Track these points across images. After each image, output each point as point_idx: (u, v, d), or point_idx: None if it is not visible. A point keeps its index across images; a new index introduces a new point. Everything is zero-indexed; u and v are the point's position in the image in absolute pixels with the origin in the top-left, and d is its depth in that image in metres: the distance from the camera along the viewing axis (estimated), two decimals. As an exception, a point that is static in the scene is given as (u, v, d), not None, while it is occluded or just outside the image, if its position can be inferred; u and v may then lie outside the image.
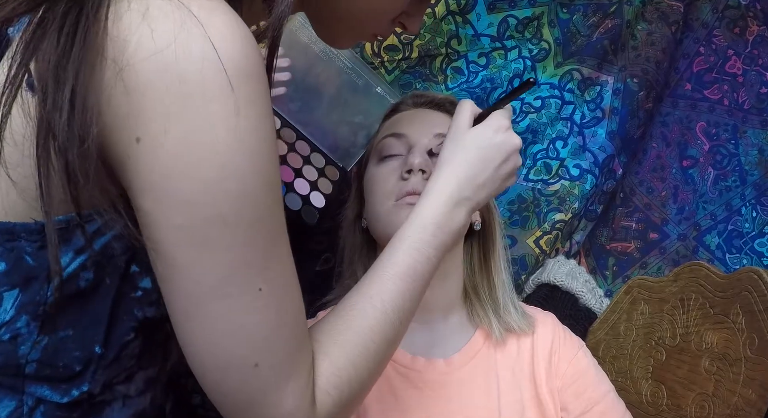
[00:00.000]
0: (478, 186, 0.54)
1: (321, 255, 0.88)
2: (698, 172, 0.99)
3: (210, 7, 0.35)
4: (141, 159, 0.35)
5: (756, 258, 0.96)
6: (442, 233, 0.51)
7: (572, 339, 0.72)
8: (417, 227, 0.50)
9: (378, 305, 0.45)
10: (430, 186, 0.53)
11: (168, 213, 0.35)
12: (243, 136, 0.35)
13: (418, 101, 0.77)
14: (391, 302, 0.46)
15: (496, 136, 0.55)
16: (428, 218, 0.51)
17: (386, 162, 0.70)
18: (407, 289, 0.47)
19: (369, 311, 0.45)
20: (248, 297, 0.37)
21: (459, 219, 0.52)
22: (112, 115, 0.35)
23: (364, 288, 0.47)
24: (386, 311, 0.46)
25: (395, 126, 0.73)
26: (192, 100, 0.34)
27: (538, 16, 0.94)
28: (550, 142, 0.96)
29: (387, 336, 0.45)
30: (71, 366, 0.40)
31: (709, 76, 1.00)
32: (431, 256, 0.50)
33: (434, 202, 0.52)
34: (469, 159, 0.54)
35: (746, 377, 0.65)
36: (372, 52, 0.88)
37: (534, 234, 0.92)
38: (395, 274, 0.47)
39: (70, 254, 0.38)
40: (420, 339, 0.68)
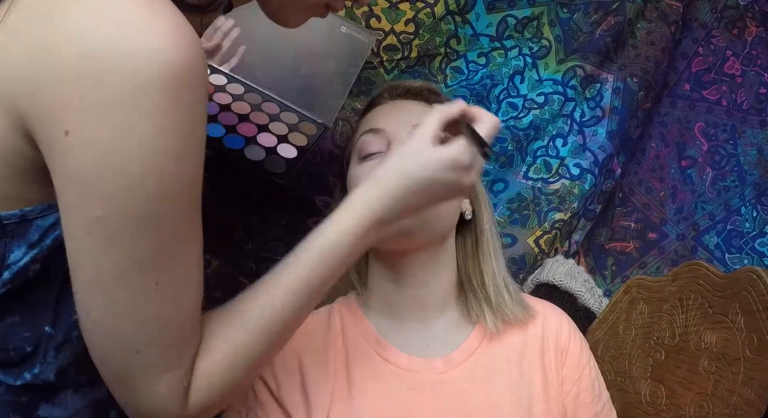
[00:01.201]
0: (406, 212, 0.51)
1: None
2: (696, 173, 0.99)
3: (154, 8, 0.36)
4: (70, 152, 0.35)
5: (757, 258, 0.96)
6: (351, 252, 0.49)
7: (586, 346, 0.72)
8: (331, 239, 0.48)
9: (268, 313, 0.46)
10: (356, 197, 0.49)
11: (88, 204, 0.37)
12: (170, 139, 0.36)
13: (394, 93, 0.75)
14: (282, 309, 0.46)
15: (448, 173, 0.49)
16: (343, 232, 0.48)
17: (366, 161, 0.68)
18: (300, 302, 0.47)
19: (258, 318, 0.46)
20: (144, 290, 0.39)
21: (370, 241, 0.50)
22: (41, 109, 0.35)
23: (257, 288, 0.47)
24: (274, 318, 0.46)
25: (372, 121, 0.71)
26: (124, 97, 0.34)
27: (537, 15, 0.94)
28: (550, 139, 0.96)
29: (272, 342, 0.47)
30: (22, 347, 0.42)
31: (707, 76, 1.00)
32: (332, 272, 0.49)
33: (355, 222, 0.48)
34: (411, 187, 0.49)
35: (745, 377, 0.64)
36: (371, 52, 0.88)
37: (534, 233, 0.92)
38: (291, 283, 0.47)
39: (24, 247, 0.40)
40: (415, 339, 0.67)
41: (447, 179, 0.49)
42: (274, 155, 0.71)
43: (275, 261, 0.85)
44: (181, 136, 0.37)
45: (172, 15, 0.37)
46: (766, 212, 0.97)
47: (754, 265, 0.95)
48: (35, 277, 0.41)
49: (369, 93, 0.90)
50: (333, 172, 0.87)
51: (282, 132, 0.74)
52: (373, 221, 0.49)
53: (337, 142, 0.87)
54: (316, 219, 0.87)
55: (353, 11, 0.87)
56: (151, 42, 0.34)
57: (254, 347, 0.45)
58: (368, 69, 0.88)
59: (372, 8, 0.88)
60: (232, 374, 0.44)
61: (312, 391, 0.62)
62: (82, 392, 0.46)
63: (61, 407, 0.45)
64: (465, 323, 0.69)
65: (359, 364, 0.65)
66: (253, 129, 0.72)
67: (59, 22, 0.35)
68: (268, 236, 0.87)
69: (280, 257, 0.85)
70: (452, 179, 0.49)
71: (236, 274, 0.85)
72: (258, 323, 0.46)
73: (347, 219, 0.49)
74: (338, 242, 0.48)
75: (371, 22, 0.88)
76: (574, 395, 0.68)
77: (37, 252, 0.40)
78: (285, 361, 0.65)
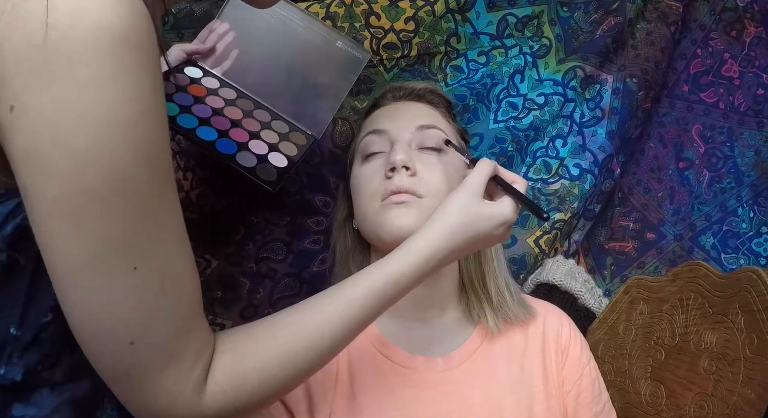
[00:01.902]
0: (456, 255, 0.55)
1: (317, 256, 0.88)
2: (693, 175, 1.00)
3: None
4: (16, 128, 0.34)
5: (753, 258, 0.97)
6: (399, 290, 0.51)
7: (587, 347, 0.72)
8: (386, 277, 0.50)
9: (314, 335, 0.45)
10: (415, 242, 0.53)
11: (42, 185, 0.35)
12: (116, 106, 0.34)
13: (397, 95, 0.76)
14: (330, 337, 0.46)
15: (497, 229, 0.55)
16: (398, 274, 0.51)
17: (370, 161, 0.69)
18: (346, 331, 0.47)
19: (301, 337, 0.45)
20: (121, 275, 0.37)
21: (425, 275, 0.53)
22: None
23: (308, 311, 0.47)
24: (322, 344, 0.46)
25: (376, 122, 0.72)
26: (59, 65, 0.33)
27: (537, 14, 0.94)
28: (550, 139, 0.96)
29: (311, 363, 0.46)
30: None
31: (705, 78, 1.01)
32: (382, 309, 0.50)
33: (411, 261, 0.51)
34: (464, 236, 0.54)
35: (745, 377, 0.65)
36: (371, 50, 0.87)
37: (534, 233, 0.92)
38: (342, 313, 0.47)
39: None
40: (418, 337, 0.68)
41: (497, 234, 0.56)
42: (265, 163, 0.72)
43: (275, 261, 0.86)
44: (129, 104, 0.34)
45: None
46: (762, 213, 0.98)
47: (751, 265, 0.96)
48: (1, 268, 0.39)
49: (369, 92, 0.89)
50: (333, 172, 0.87)
51: (273, 140, 0.74)
52: (427, 267, 0.52)
53: (336, 141, 0.87)
54: (316, 219, 0.87)
55: (352, 9, 0.87)
56: (84, 6, 0.33)
57: (288, 371, 0.44)
58: (368, 67, 0.88)
59: (372, 6, 0.87)
60: (261, 387, 0.43)
61: (314, 389, 0.63)
62: (59, 390, 0.44)
63: (36, 407, 0.43)
64: (466, 323, 0.70)
65: (361, 362, 0.65)
66: (245, 135, 0.72)
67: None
68: (269, 236, 0.86)
69: (280, 257, 0.86)
70: (500, 234, 0.56)
71: (236, 274, 0.85)
72: (299, 348, 0.45)
73: (403, 266, 0.51)
74: (393, 286, 0.50)
75: (371, 20, 0.87)
76: (575, 394, 0.68)
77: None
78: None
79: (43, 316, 0.41)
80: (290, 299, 0.87)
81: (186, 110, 0.70)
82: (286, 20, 0.76)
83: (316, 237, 0.88)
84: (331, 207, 0.87)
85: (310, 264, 0.87)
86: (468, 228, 0.54)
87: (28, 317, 0.40)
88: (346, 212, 0.76)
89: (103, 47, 0.33)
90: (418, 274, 0.52)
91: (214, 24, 0.76)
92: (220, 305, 0.84)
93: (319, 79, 0.77)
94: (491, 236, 0.56)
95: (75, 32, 0.32)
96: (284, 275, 0.87)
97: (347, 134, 0.87)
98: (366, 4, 0.87)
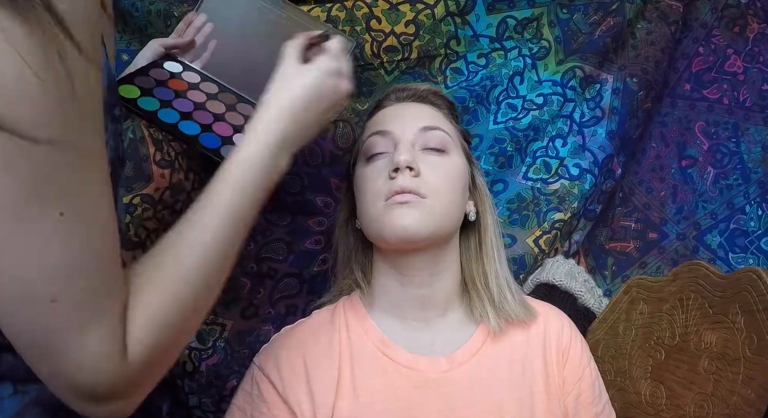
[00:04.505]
0: (303, 129, 0.55)
1: (318, 256, 0.89)
2: (697, 172, 0.98)
3: None
4: None
5: (763, 257, 0.94)
6: (266, 174, 0.51)
7: (587, 348, 0.72)
8: (242, 167, 0.50)
9: (198, 247, 0.44)
10: (255, 124, 0.54)
11: None
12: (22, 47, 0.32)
13: (400, 96, 0.77)
14: (213, 245, 0.45)
15: (327, 80, 0.57)
16: (254, 158, 0.51)
17: (373, 161, 0.70)
18: (230, 232, 0.46)
19: (188, 253, 0.43)
20: (47, 221, 0.34)
21: (282, 162, 0.54)
22: None
23: (186, 229, 0.45)
24: (207, 254, 0.44)
25: (379, 123, 0.73)
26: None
27: (537, 16, 0.94)
28: (549, 139, 0.96)
29: (208, 279, 0.44)
30: None
31: (708, 75, 0.99)
32: (255, 199, 0.50)
33: (261, 143, 0.52)
34: (296, 101, 0.55)
35: (745, 377, 0.64)
36: (371, 53, 0.89)
37: (534, 233, 0.92)
38: (218, 214, 0.46)
39: None
40: (420, 338, 0.68)
41: (328, 85, 0.56)
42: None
43: (276, 261, 0.87)
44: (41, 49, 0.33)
45: None
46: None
47: (760, 264, 0.94)
48: None
49: (370, 94, 0.90)
50: (334, 172, 0.88)
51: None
52: (277, 140, 0.52)
53: (337, 143, 0.88)
54: (317, 219, 0.89)
55: (353, 13, 0.88)
56: None
57: (189, 288, 0.42)
58: (369, 70, 0.89)
59: (372, 10, 0.88)
60: (172, 319, 0.40)
61: (316, 389, 0.63)
62: (22, 390, 0.40)
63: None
64: (468, 323, 0.70)
65: (363, 362, 0.66)
66: (229, 129, 0.72)
67: None
68: (270, 236, 0.87)
69: (281, 257, 0.87)
70: (332, 84, 0.56)
71: (237, 274, 0.86)
72: (188, 263, 0.43)
73: (252, 146, 0.51)
74: (250, 169, 0.50)
75: (371, 24, 0.88)
76: (575, 395, 0.68)
77: None
78: (290, 360, 0.66)
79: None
80: (291, 299, 0.89)
81: (167, 105, 0.70)
82: (266, 11, 0.75)
83: (317, 237, 0.89)
84: (332, 208, 0.88)
85: (310, 264, 0.89)
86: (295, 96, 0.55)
87: None
88: (348, 212, 0.77)
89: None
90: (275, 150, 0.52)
91: (191, 16, 0.76)
92: (221, 304, 0.85)
93: None
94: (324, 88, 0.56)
95: None
96: (285, 275, 0.88)
97: (348, 135, 0.88)
98: (366, 8, 0.88)
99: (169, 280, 0.42)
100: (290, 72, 0.56)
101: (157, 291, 0.41)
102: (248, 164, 0.50)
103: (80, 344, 0.36)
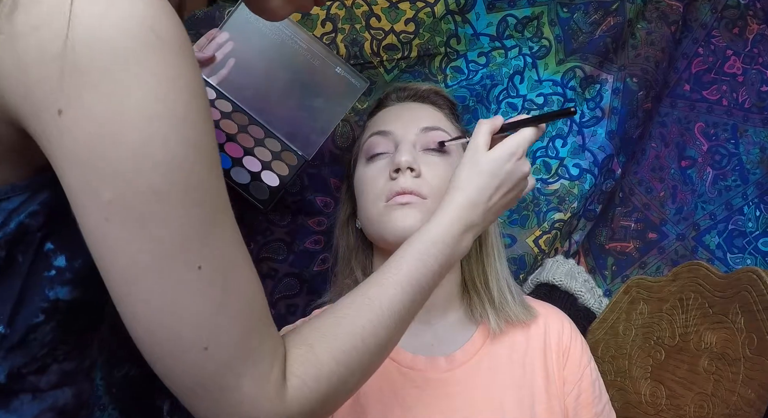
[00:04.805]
0: (485, 212, 0.56)
1: (318, 256, 0.89)
2: (696, 173, 0.99)
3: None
4: (65, 132, 0.33)
5: (760, 258, 0.95)
6: (448, 252, 0.52)
7: (587, 348, 0.72)
8: (426, 241, 0.52)
9: (375, 307, 0.45)
10: (445, 205, 0.55)
11: (96, 187, 0.34)
12: (168, 102, 0.34)
13: (402, 95, 0.77)
14: (389, 305, 0.46)
15: (508, 164, 0.56)
16: (439, 235, 0.52)
17: (374, 162, 0.70)
18: (407, 297, 0.48)
19: (364, 311, 0.45)
20: (188, 275, 0.36)
21: (465, 243, 0.55)
22: (26, 89, 0.33)
23: (363, 289, 0.47)
24: (382, 314, 0.45)
25: (380, 123, 0.73)
26: (113, 63, 0.33)
27: (537, 15, 0.94)
28: (549, 140, 0.96)
29: (379, 339, 0.45)
30: None
31: (707, 76, 1.00)
32: (435, 272, 0.51)
33: (447, 221, 0.54)
34: (484, 185, 0.56)
35: (745, 377, 0.64)
36: (371, 52, 0.88)
37: (533, 233, 0.92)
38: (397, 281, 0.48)
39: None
40: (421, 338, 0.68)
41: (509, 168, 0.56)
42: (258, 181, 0.73)
43: (276, 261, 0.87)
44: (179, 99, 0.35)
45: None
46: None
47: (757, 265, 0.94)
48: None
49: (369, 93, 0.90)
50: (333, 172, 0.88)
51: (266, 158, 0.75)
52: (464, 224, 0.54)
53: (337, 142, 0.88)
54: (317, 219, 0.88)
55: (353, 11, 0.88)
56: (130, 9, 0.34)
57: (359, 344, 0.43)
58: (368, 69, 0.88)
59: (372, 7, 0.88)
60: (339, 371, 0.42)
61: None
62: (40, 397, 0.42)
63: (16, 414, 0.41)
64: (469, 323, 0.70)
65: None
66: (240, 151, 0.73)
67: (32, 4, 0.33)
68: (270, 236, 0.87)
69: (281, 257, 0.87)
70: (513, 168, 0.57)
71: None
72: (363, 323, 0.44)
73: (443, 225, 0.53)
74: (434, 245, 0.52)
75: (371, 22, 0.88)
76: (575, 395, 0.68)
77: (0, 236, 0.37)
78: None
79: (34, 317, 0.39)
80: (290, 299, 0.88)
81: None
82: (289, 40, 0.77)
83: (316, 237, 0.88)
84: (332, 208, 0.88)
85: (310, 264, 0.88)
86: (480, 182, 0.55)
87: (18, 316, 0.39)
88: (349, 212, 0.76)
89: (153, 45, 0.34)
90: (460, 230, 0.53)
91: (214, 32, 0.76)
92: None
93: (315, 102, 0.78)
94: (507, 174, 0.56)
95: (126, 34, 0.33)
96: (285, 275, 0.88)
97: (347, 135, 0.88)
98: (366, 6, 0.88)
99: (342, 335, 0.43)
100: (476, 159, 0.57)
101: (328, 342, 0.42)
102: (432, 240, 0.52)
103: (237, 385, 0.37)
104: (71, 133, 0.33)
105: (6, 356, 0.39)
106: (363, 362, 0.44)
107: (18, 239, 0.38)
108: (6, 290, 0.39)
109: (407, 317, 0.48)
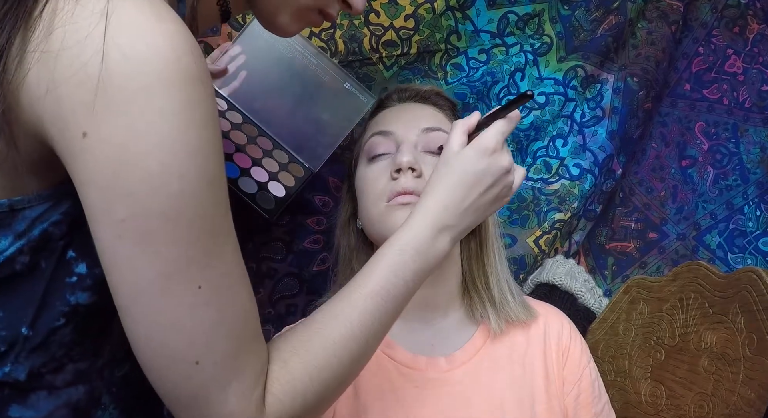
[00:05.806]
0: (462, 213, 0.53)
1: (317, 255, 0.88)
2: (697, 172, 0.99)
3: (160, 14, 0.37)
4: (88, 153, 0.36)
5: (761, 258, 0.95)
6: (421, 258, 0.51)
7: (586, 348, 0.73)
8: (396, 250, 0.50)
9: (345, 322, 0.46)
10: (415, 209, 0.53)
11: (112, 206, 0.36)
12: (186, 135, 0.36)
13: (403, 96, 0.77)
14: (359, 320, 0.46)
15: (480, 161, 0.54)
16: (409, 242, 0.51)
17: (375, 162, 0.70)
18: (378, 309, 0.47)
19: (334, 325, 0.46)
20: (187, 294, 0.38)
21: (441, 246, 0.52)
22: (55, 108, 0.36)
23: (334, 303, 0.47)
24: (353, 329, 0.46)
25: (381, 123, 0.73)
26: (137, 95, 0.35)
27: (538, 12, 0.93)
28: (550, 139, 0.95)
29: (352, 353, 0.46)
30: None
31: (708, 76, 1.00)
32: (408, 280, 0.50)
33: (416, 226, 0.52)
34: (454, 184, 0.53)
35: (745, 377, 0.64)
36: (370, 48, 0.87)
37: (534, 233, 0.92)
38: (367, 293, 0.47)
39: (10, 237, 0.39)
40: (421, 338, 0.68)
41: (482, 166, 0.54)
42: (265, 191, 0.74)
43: (275, 261, 0.86)
44: (197, 131, 0.37)
45: (173, 20, 0.38)
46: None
47: (758, 264, 0.95)
48: (22, 270, 0.40)
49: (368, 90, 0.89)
50: (332, 172, 0.87)
51: (273, 169, 0.76)
52: (436, 226, 0.52)
53: (337, 142, 0.87)
54: (316, 219, 0.88)
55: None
56: (158, 43, 0.36)
57: (332, 359, 0.45)
58: (367, 65, 0.88)
59: (371, 3, 0.87)
60: (313, 387, 0.43)
61: None
62: (56, 393, 0.44)
63: (33, 409, 0.43)
64: (469, 323, 0.70)
65: None
66: (248, 161, 0.75)
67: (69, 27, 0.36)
68: (269, 235, 0.86)
69: (280, 257, 0.87)
70: (486, 164, 0.54)
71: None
72: (335, 337, 0.45)
73: (412, 231, 0.51)
74: (402, 258, 0.50)
75: (370, 17, 0.87)
76: (575, 395, 0.68)
77: (24, 243, 0.40)
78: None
79: (56, 320, 0.42)
80: (290, 299, 0.88)
81: None
82: (299, 55, 0.78)
83: (316, 237, 0.88)
84: (331, 207, 0.87)
85: (310, 264, 0.88)
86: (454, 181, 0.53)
87: (40, 319, 0.41)
88: (349, 212, 0.76)
89: (176, 80, 0.36)
90: (431, 234, 0.51)
91: (227, 45, 0.77)
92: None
93: (323, 115, 0.79)
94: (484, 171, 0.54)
95: (153, 66, 0.35)
96: (284, 274, 0.87)
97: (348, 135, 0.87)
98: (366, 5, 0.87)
99: (316, 351, 0.44)
100: (449, 158, 0.55)
101: (303, 359, 0.44)
102: (401, 249, 0.50)
103: (222, 399, 0.40)
104: (93, 154, 0.36)
105: (28, 356, 0.42)
106: (337, 375, 0.45)
107: (41, 246, 0.40)
108: (29, 294, 0.41)
109: (380, 328, 0.48)
